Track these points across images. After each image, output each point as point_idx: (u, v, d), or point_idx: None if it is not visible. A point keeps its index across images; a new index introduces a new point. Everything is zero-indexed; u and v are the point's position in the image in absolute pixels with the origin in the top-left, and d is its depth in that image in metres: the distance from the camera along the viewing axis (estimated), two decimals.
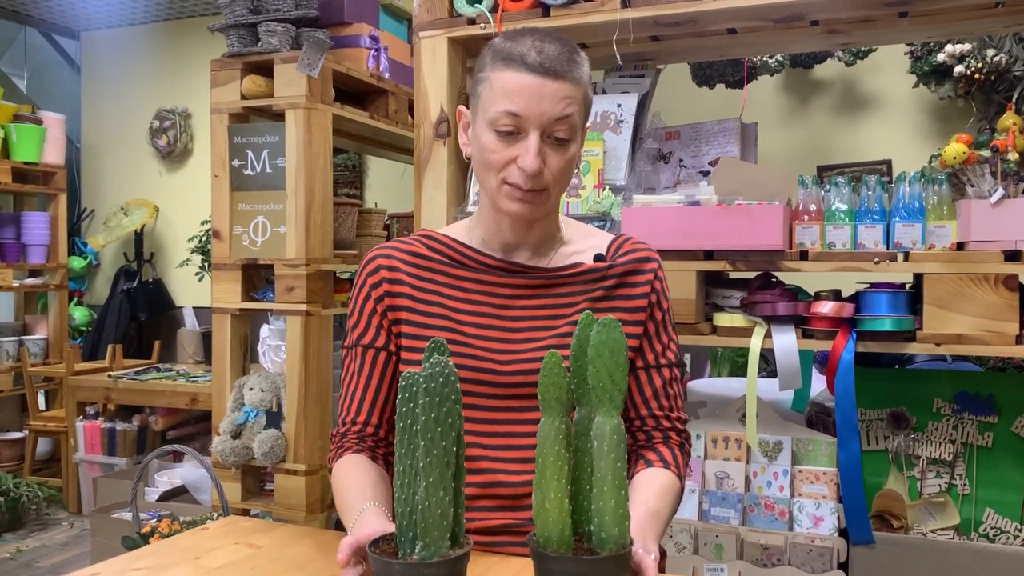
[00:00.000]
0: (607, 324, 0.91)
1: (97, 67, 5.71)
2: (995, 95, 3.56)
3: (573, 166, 1.22)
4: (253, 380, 2.69)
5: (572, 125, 1.17)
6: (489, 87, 1.17)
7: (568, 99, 1.16)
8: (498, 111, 1.15)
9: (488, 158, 1.18)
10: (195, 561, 1.18)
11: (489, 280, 1.27)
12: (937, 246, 1.87)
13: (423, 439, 0.86)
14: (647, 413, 1.27)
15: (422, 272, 1.28)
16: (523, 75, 1.14)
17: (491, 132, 1.17)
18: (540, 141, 1.16)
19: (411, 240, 1.32)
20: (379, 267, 1.28)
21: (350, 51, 2.87)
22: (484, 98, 1.18)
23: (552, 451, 0.89)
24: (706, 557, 1.99)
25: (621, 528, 0.89)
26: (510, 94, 1.14)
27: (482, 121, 1.19)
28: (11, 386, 4.77)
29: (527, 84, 1.14)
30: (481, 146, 1.19)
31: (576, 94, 1.17)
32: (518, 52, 1.15)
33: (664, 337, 1.29)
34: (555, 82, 1.14)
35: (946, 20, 2.01)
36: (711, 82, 3.83)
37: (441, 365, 0.87)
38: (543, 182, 1.18)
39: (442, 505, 0.87)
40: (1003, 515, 2.02)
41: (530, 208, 1.20)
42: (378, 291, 1.27)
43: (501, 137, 1.17)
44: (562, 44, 1.17)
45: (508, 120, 1.15)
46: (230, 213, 2.69)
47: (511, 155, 1.17)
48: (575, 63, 1.17)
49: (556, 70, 1.14)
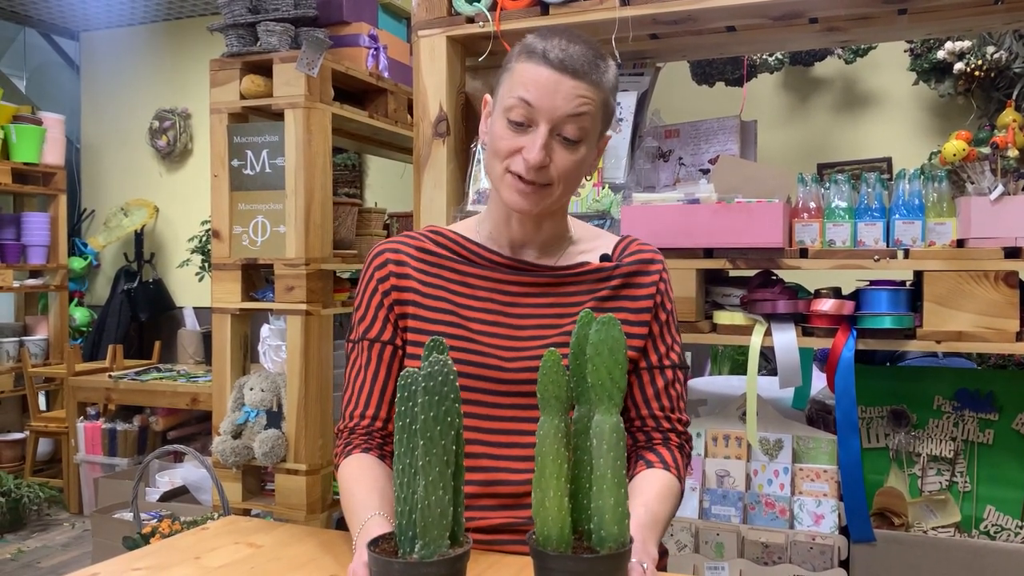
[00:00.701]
0: (606, 322, 0.90)
1: (97, 67, 5.71)
2: (995, 92, 3.56)
3: (582, 169, 1.22)
4: (253, 380, 2.69)
5: (583, 127, 1.18)
6: (510, 76, 1.20)
7: (583, 99, 1.17)
8: (513, 99, 1.17)
9: (497, 145, 1.20)
10: (196, 561, 1.18)
11: (496, 277, 1.27)
12: (937, 243, 1.86)
13: (422, 438, 0.86)
14: (647, 413, 1.27)
15: (429, 268, 1.28)
16: (542, 68, 1.16)
17: (504, 119, 1.19)
18: (549, 136, 1.17)
19: (419, 235, 1.32)
20: (387, 260, 1.28)
21: (349, 50, 2.87)
22: (503, 87, 1.21)
23: (552, 450, 0.89)
24: (707, 555, 1.99)
25: (621, 526, 0.89)
26: (526, 84, 1.17)
27: (499, 109, 1.21)
28: (12, 387, 4.78)
29: (544, 77, 1.16)
30: (493, 133, 1.22)
31: (593, 96, 1.18)
32: (543, 47, 1.17)
33: (668, 339, 1.30)
34: (572, 80, 1.16)
35: (945, 17, 2.01)
36: (711, 80, 3.83)
37: (440, 364, 0.87)
38: (547, 177, 1.19)
39: (441, 504, 0.87)
40: (1004, 512, 2.02)
41: (530, 201, 1.20)
42: (385, 284, 1.27)
43: (512, 126, 1.18)
44: (588, 47, 1.19)
45: (521, 109, 1.17)
46: (230, 213, 2.69)
47: (518, 144, 1.18)
48: (597, 67, 1.18)
49: (575, 68, 1.16)
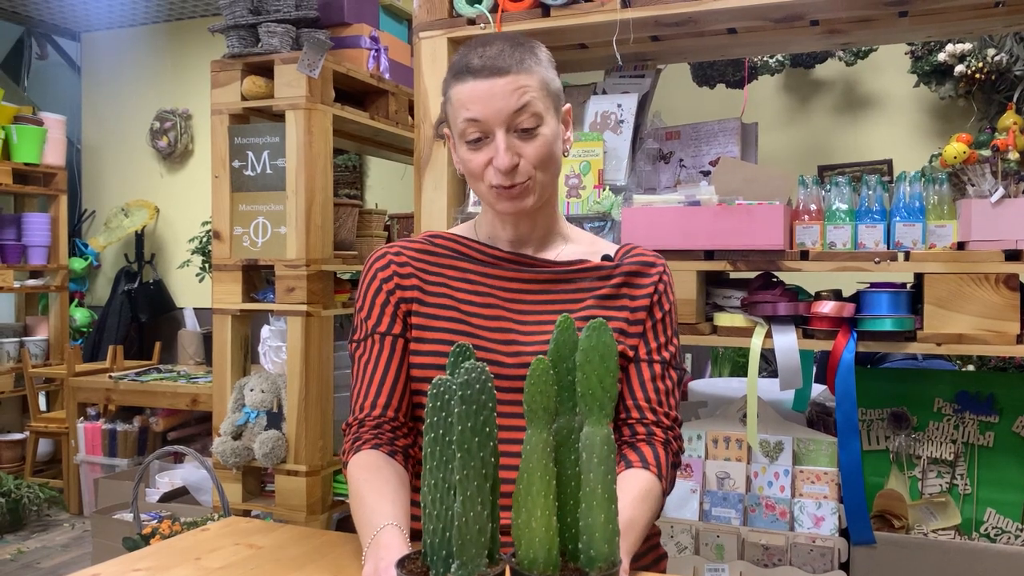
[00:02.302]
0: (597, 327, 0.87)
1: (98, 68, 5.71)
2: (996, 95, 3.56)
3: (553, 149, 1.23)
4: (254, 381, 2.69)
5: (534, 112, 1.19)
6: (451, 104, 1.23)
7: (520, 89, 1.18)
8: (462, 123, 1.20)
9: (469, 167, 1.23)
10: (196, 562, 1.17)
11: (497, 274, 1.28)
12: (938, 246, 1.86)
13: (459, 450, 0.80)
14: (632, 404, 1.24)
15: (430, 267, 1.29)
16: (471, 82, 1.19)
17: (463, 144, 1.22)
18: (508, 137, 1.19)
19: (417, 239, 1.34)
20: (389, 261, 1.30)
21: (350, 52, 2.87)
22: (451, 116, 1.24)
23: (539, 465, 0.84)
24: (707, 557, 1.98)
25: (611, 545, 0.85)
26: (465, 103, 1.19)
27: (456, 136, 1.24)
28: (12, 387, 4.78)
29: (477, 89, 1.18)
30: (462, 159, 1.24)
31: (528, 81, 1.19)
32: (464, 63, 1.20)
33: (661, 336, 1.28)
34: (502, 78, 1.18)
35: (946, 19, 2.01)
36: (711, 82, 3.83)
37: (478, 371, 0.81)
38: (524, 173, 1.20)
39: (480, 520, 0.81)
40: (1004, 515, 2.01)
41: (519, 202, 1.22)
42: (389, 284, 1.28)
43: (472, 146, 1.21)
44: (504, 40, 1.22)
45: (472, 128, 1.20)
46: (230, 214, 2.69)
47: (486, 159, 1.20)
48: (518, 55, 1.20)
49: (499, 67, 1.18)
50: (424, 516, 0.85)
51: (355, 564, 1.15)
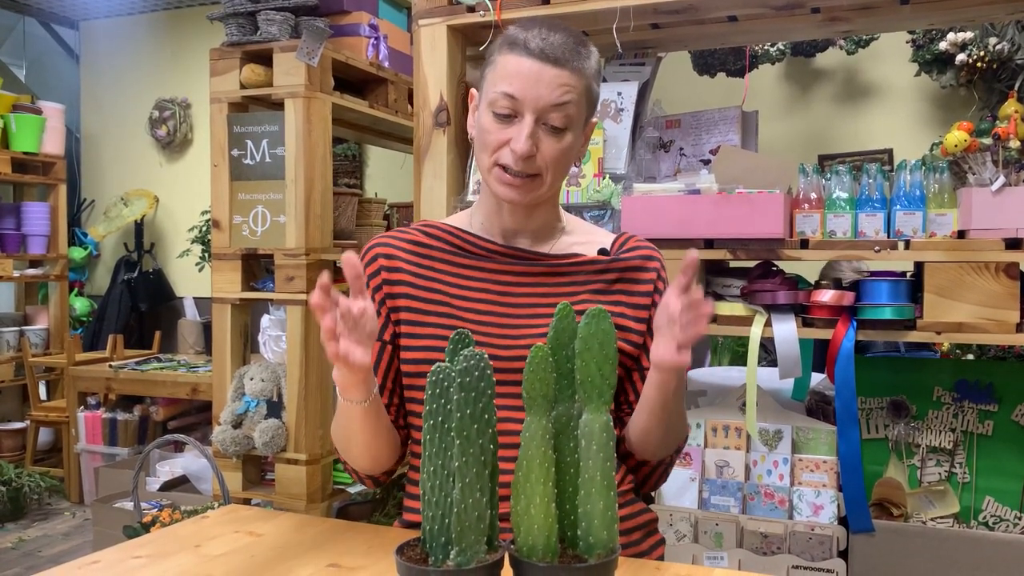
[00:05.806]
0: (596, 315, 0.87)
1: (96, 57, 5.69)
2: (997, 83, 3.54)
3: (570, 156, 1.22)
4: (254, 370, 2.69)
5: (568, 114, 1.18)
6: (493, 69, 1.20)
7: (566, 87, 1.17)
8: (497, 92, 1.18)
9: (484, 138, 1.20)
10: (196, 549, 1.18)
11: (490, 267, 1.27)
12: (938, 234, 1.86)
13: (458, 437, 0.81)
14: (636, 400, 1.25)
15: (422, 260, 1.28)
16: (523, 59, 1.16)
17: (489, 113, 1.19)
18: (535, 126, 1.17)
19: (410, 230, 1.32)
20: (376, 256, 1.29)
21: (349, 40, 2.86)
22: (488, 80, 1.21)
23: (538, 453, 0.85)
24: (706, 545, 1.99)
25: (610, 532, 0.85)
26: (509, 76, 1.17)
27: (484, 102, 1.21)
28: (12, 376, 4.78)
29: (526, 68, 1.16)
30: (480, 127, 1.22)
31: (576, 84, 1.18)
32: (523, 38, 1.17)
33: None
34: (554, 68, 1.16)
35: (948, 7, 2.00)
36: (712, 70, 3.81)
37: (476, 358, 0.82)
38: (535, 167, 1.19)
39: (479, 507, 0.82)
40: (1003, 503, 2.02)
41: (519, 192, 1.21)
42: (376, 280, 1.27)
43: (498, 119, 1.19)
44: (569, 35, 1.19)
45: (505, 102, 1.17)
46: (230, 203, 2.69)
47: (505, 137, 1.18)
48: (578, 54, 1.18)
49: (556, 57, 1.16)
50: (423, 503, 0.85)
51: (355, 551, 1.16)
